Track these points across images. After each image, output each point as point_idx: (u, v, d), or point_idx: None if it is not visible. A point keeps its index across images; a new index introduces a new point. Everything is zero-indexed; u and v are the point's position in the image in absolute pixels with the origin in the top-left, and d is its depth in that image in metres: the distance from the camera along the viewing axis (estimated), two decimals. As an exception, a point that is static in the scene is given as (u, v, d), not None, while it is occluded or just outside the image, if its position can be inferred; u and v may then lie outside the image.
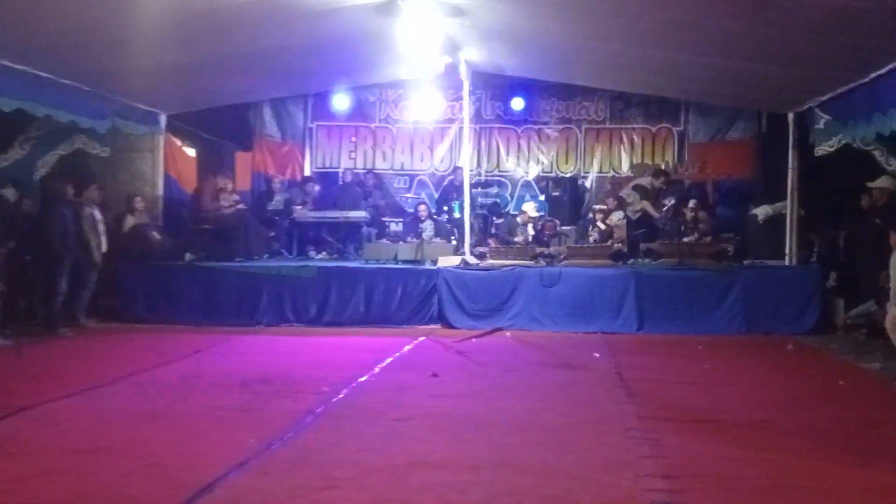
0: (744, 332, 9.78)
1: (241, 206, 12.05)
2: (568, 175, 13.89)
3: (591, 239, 11.46)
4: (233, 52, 9.50)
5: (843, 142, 9.30)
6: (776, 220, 11.27)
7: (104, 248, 10.33)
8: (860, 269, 9.65)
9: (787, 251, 10.88)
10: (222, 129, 13.32)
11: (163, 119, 11.82)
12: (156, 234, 11.12)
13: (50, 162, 10.38)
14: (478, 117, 13.86)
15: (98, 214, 10.37)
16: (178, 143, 13.16)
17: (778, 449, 4.93)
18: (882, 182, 9.38)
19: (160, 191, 12.08)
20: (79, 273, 9.93)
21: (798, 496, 4.09)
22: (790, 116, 10.81)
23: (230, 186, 12.16)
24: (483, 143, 14.08)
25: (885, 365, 7.34)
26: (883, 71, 7.64)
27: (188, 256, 11.19)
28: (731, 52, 8.47)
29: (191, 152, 13.57)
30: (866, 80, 8.12)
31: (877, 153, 9.70)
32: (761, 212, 11.67)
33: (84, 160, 10.88)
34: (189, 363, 7.80)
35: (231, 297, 10.60)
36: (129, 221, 11.17)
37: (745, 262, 10.81)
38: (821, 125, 9.72)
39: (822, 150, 9.87)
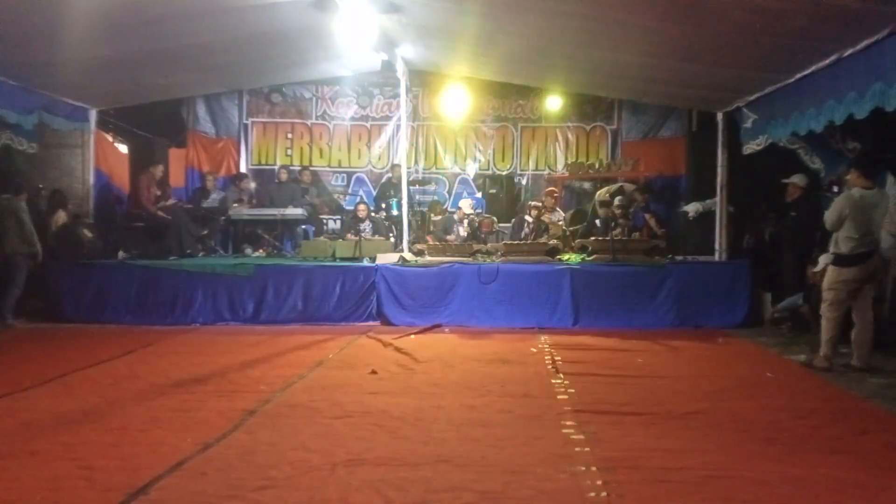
0: (676, 326, 9.93)
1: (172, 201, 11.87)
2: (504, 173, 14.08)
3: (521, 234, 11.56)
4: (165, 47, 9.35)
5: (770, 140, 9.55)
6: (706, 217, 11.52)
7: (35, 245, 10.09)
8: (784, 263, 9.95)
9: (716, 247, 11.12)
10: (155, 125, 13.07)
11: (93, 114, 11.59)
12: (86, 232, 10.87)
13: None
14: (415, 115, 13.93)
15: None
16: (109, 139, 12.89)
17: (711, 440, 5.04)
18: (793, 178, 9.72)
19: (91, 188, 11.83)
20: (9, 271, 9.66)
21: (732, 486, 4.18)
22: (719, 115, 11.03)
23: (160, 171, 11.93)
24: (420, 141, 14.15)
25: (810, 357, 7.56)
26: (808, 72, 7.87)
27: (121, 255, 10.96)
28: (664, 52, 8.62)
29: (122, 148, 13.30)
30: (792, 80, 8.35)
31: (801, 151, 10.02)
32: (692, 208, 11.93)
33: (10, 156, 10.58)
34: (122, 363, 7.62)
35: (165, 296, 10.39)
36: (59, 219, 10.91)
37: (677, 258, 11.01)
38: (748, 124, 9.94)
39: (749, 148, 10.12)
